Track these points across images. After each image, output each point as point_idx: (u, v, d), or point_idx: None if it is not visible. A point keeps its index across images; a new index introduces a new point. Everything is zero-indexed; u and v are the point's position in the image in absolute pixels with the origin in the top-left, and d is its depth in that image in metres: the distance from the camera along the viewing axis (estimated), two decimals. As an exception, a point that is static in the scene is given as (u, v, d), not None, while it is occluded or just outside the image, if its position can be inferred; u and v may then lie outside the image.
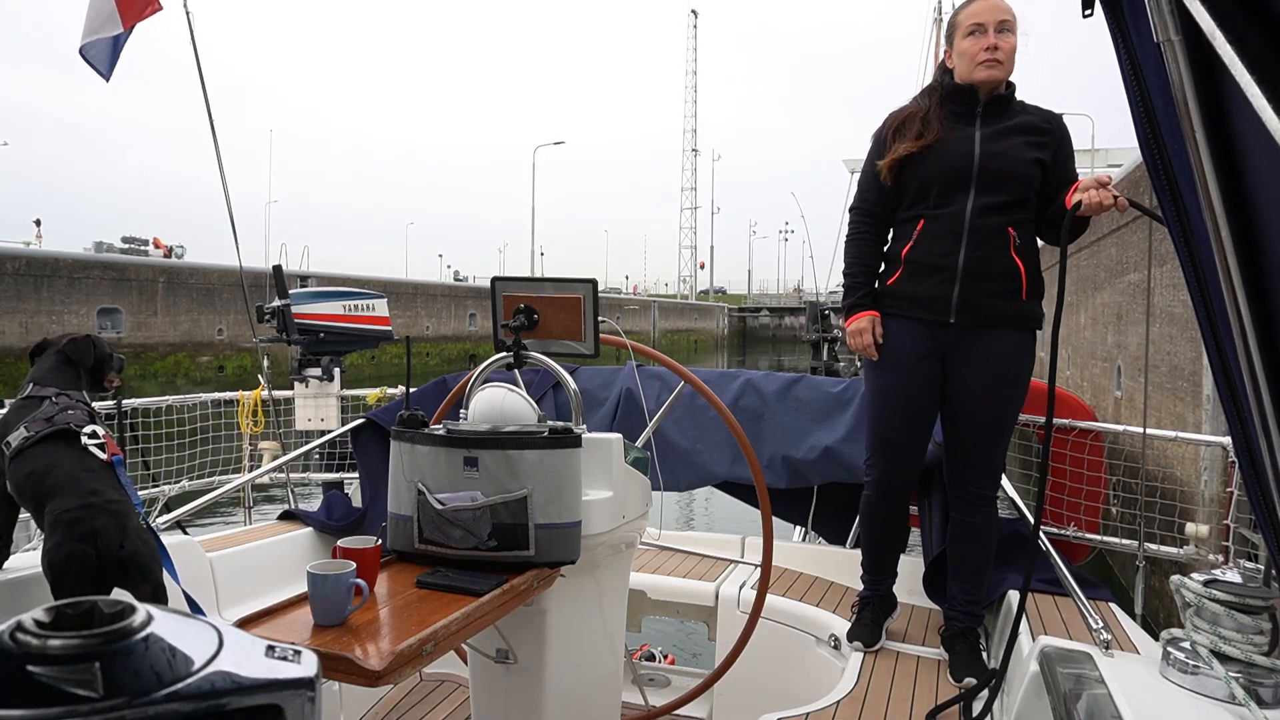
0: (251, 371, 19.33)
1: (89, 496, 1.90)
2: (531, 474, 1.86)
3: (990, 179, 2.42)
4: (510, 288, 2.27)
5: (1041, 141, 2.46)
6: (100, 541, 1.86)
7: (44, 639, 0.67)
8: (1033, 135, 2.46)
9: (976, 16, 2.44)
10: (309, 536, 3.02)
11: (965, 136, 2.46)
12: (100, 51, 4.11)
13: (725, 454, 3.49)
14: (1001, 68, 2.44)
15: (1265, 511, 0.86)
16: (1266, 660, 1.67)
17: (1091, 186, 2.22)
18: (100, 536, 1.86)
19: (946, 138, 2.46)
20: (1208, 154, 0.76)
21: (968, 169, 2.43)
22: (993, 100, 2.49)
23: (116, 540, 1.87)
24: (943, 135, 2.46)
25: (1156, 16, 0.75)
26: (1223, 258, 0.78)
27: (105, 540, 1.86)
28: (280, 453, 4.17)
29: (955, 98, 2.51)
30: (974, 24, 2.45)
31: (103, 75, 4.14)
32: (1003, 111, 2.49)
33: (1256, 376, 0.79)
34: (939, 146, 2.46)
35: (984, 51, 2.42)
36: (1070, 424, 3.40)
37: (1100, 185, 2.21)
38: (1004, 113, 2.49)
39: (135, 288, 25.28)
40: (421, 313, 37.18)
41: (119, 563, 1.88)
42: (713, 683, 2.56)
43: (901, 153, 2.48)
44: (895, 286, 2.54)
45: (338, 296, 4.30)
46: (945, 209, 2.45)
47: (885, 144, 2.55)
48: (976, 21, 2.44)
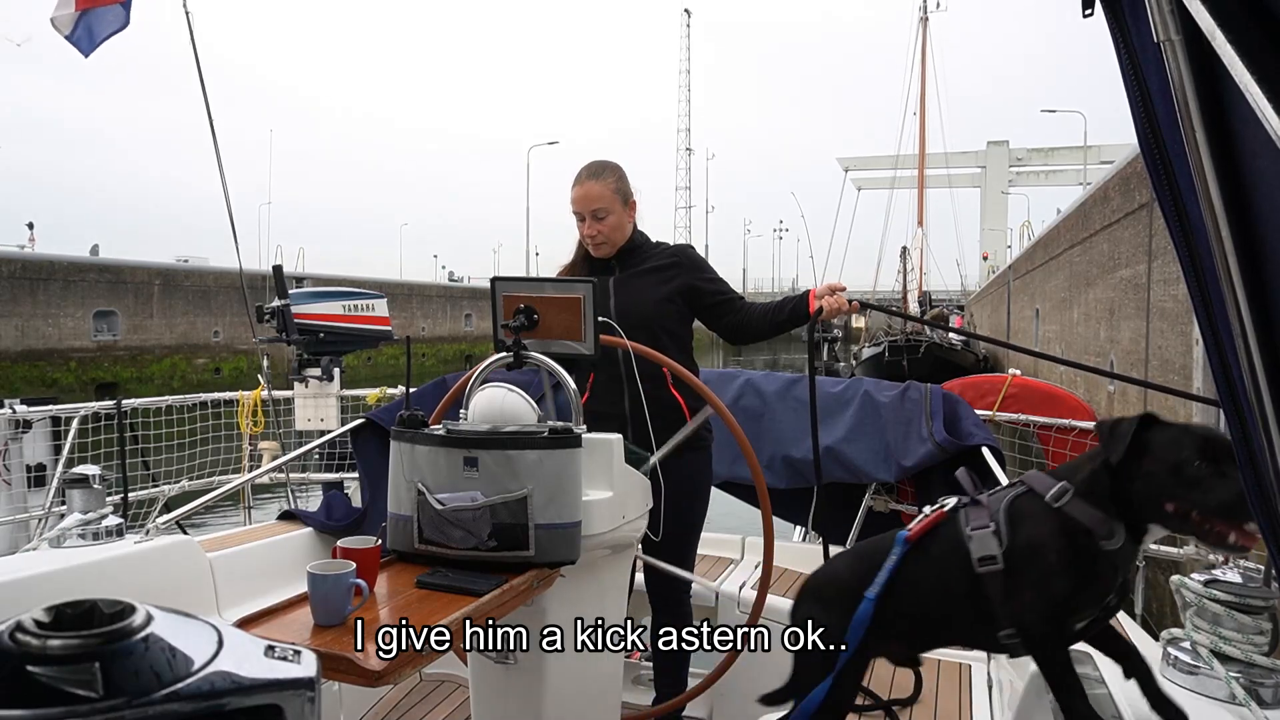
0: (248, 374, 19.32)
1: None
2: (531, 474, 1.86)
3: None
4: (510, 288, 2.26)
5: (671, 276, 2.66)
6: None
7: (44, 639, 0.67)
8: (663, 273, 2.66)
9: (574, 204, 2.65)
10: (309, 537, 3.02)
11: (602, 287, 2.63)
12: (79, 28, 4.14)
13: (725, 454, 3.49)
14: (606, 245, 2.65)
15: (1265, 511, 0.86)
16: (1267, 660, 1.67)
17: (826, 294, 2.48)
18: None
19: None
20: (1208, 154, 0.76)
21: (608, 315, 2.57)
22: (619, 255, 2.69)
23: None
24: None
25: (1156, 16, 0.75)
26: (1223, 258, 0.78)
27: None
28: (280, 453, 4.17)
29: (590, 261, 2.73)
30: (574, 210, 2.66)
31: (82, 51, 4.18)
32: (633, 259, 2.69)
33: (1256, 376, 0.79)
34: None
35: (587, 238, 2.66)
36: (1070, 424, 3.40)
37: (832, 292, 2.49)
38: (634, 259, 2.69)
39: (131, 290, 25.27)
40: (417, 313, 37.19)
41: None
42: (712, 682, 2.56)
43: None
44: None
45: (337, 296, 4.30)
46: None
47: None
48: (575, 210, 2.66)
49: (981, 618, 1.58)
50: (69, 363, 23.23)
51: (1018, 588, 1.53)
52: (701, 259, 2.75)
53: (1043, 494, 1.55)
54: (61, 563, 2.18)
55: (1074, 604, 1.52)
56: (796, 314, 2.59)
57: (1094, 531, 1.49)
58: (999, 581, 1.54)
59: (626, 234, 2.68)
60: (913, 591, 1.64)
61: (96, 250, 28.55)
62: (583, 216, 2.63)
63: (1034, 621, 1.52)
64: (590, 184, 2.61)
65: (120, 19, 4.20)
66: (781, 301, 2.68)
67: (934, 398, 3.35)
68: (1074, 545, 1.50)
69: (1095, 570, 1.49)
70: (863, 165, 56.63)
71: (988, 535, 1.56)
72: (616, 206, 2.63)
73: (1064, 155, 52.95)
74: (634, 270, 2.67)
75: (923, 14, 47.90)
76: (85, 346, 23.79)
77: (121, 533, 2.39)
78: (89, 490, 2.38)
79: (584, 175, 2.64)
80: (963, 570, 1.57)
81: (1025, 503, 1.58)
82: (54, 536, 2.35)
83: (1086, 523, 1.49)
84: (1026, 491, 1.59)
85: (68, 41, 4.15)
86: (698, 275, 2.69)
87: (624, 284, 2.66)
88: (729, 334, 2.73)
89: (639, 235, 2.73)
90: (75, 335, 23.53)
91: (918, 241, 43.13)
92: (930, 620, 1.67)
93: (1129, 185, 13.14)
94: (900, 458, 3.29)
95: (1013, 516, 1.57)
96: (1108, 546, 1.48)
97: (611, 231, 2.63)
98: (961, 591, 1.59)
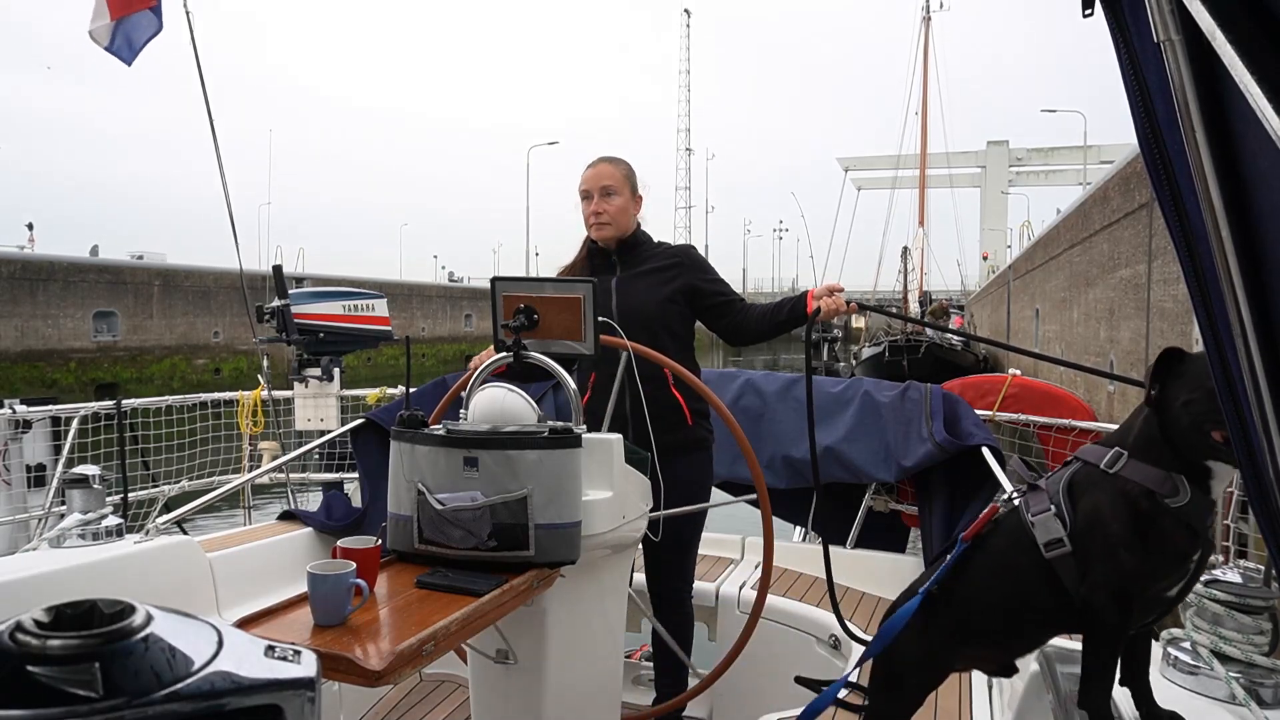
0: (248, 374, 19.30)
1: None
2: (531, 474, 1.86)
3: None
4: (510, 288, 2.26)
5: (673, 276, 2.66)
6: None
7: (44, 639, 0.67)
8: (665, 273, 2.67)
9: (583, 184, 2.69)
10: (309, 537, 3.02)
11: (604, 287, 2.64)
12: (117, 38, 4.16)
13: (725, 454, 3.49)
14: (609, 228, 2.66)
15: (1265, 511, 0.86)
16: (1267, 660, 1.67)
17: (824, 295, 2.49)
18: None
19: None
20: (1208, 154, 0.76)
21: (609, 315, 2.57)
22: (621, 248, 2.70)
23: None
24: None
25: (1156, 16, 0.75)
26: (1223, 258, 0.78)
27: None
28: (280, 453, 4.17)
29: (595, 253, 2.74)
30: (582, 190, 2.69)
31: (124, 61, 4.19)
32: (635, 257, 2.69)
33: (1257, 376, 0.79)
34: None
35: (591, 215, 2.66)
36: (1070, 424, 3.40)
37: (830, 293, 2.49)
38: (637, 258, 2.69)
39: (131, 291, 25.26)
40: (417, 314, 37.20)
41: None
42: (712, 682, 2.56)
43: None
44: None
45: (337, 296, 4.30)
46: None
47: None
48: (583, 189, 2.68)
49: (1064, 605, 1.51)
50: (69, 363, 23.24)
51: (1088, 566, 1.46)
52: (703, 260, 2.76)
53: (1097, 464, 1.49)
54: (61, 563, 2.18)
55: (1150, 574, 1.44)
56: (795, 314, 2.60)
57: (1156, 491, 1.41)
58: (1071, 564, 1.47)
59: (630, 224, 2.69)
60: (985, 593, 1.59)
61: (96, 251, 28.54)
62: (590, 195, 2.65)
63: (1103, 600, 1.44)
64: (604, 165, 2.68)
65: (154, 24, 4.22)
66: (780, 302, 2.68)
67: (934, 398, 3.35)
68: (1136, 510, 1.42)
69: (1165, 533, 1.41)
70: (863, 165, 56.66)
71: (1050, 518, 1.50)
72: (625, 191, 2.67)
73: (1064, 155, 52.95)
74: (636, 270, 2.68)
75: (925, 14, 47.90)
76: (85, 347, 23.80)
77: (121, 533, 2.39)
78: (89, 490, 2.38)
79: (598, 159, 2.70)
80: (1032, 559, 1.51)
81: (1082, 476, 1.52)
82: (54, 537, 2.35)
83: (1147, 483, 1.42)
84: (1083, 465, 1.53)
85: (109, 53, 4.17)
86: (699, 276, 2.70)
87: (626, 284, 2.66)
88: (728, 335, 2.74)
89: (642, 233, 2.74)
90: (75, 336, 23.53)
91: (919, 241, 43.10)
92: (1012, 618, 1.60)
93: (1129, 185, 13.15)
94: (900, 458, 3.29)
95: (1072, 494, 1.51)
96: (1174, 504, 1.40)
97: (617, 214, 2.65)
98: (1036, 582, 1.52)
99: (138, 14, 4.17)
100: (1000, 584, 1.59)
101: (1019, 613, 1.59)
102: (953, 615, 1.61)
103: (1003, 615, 1.60)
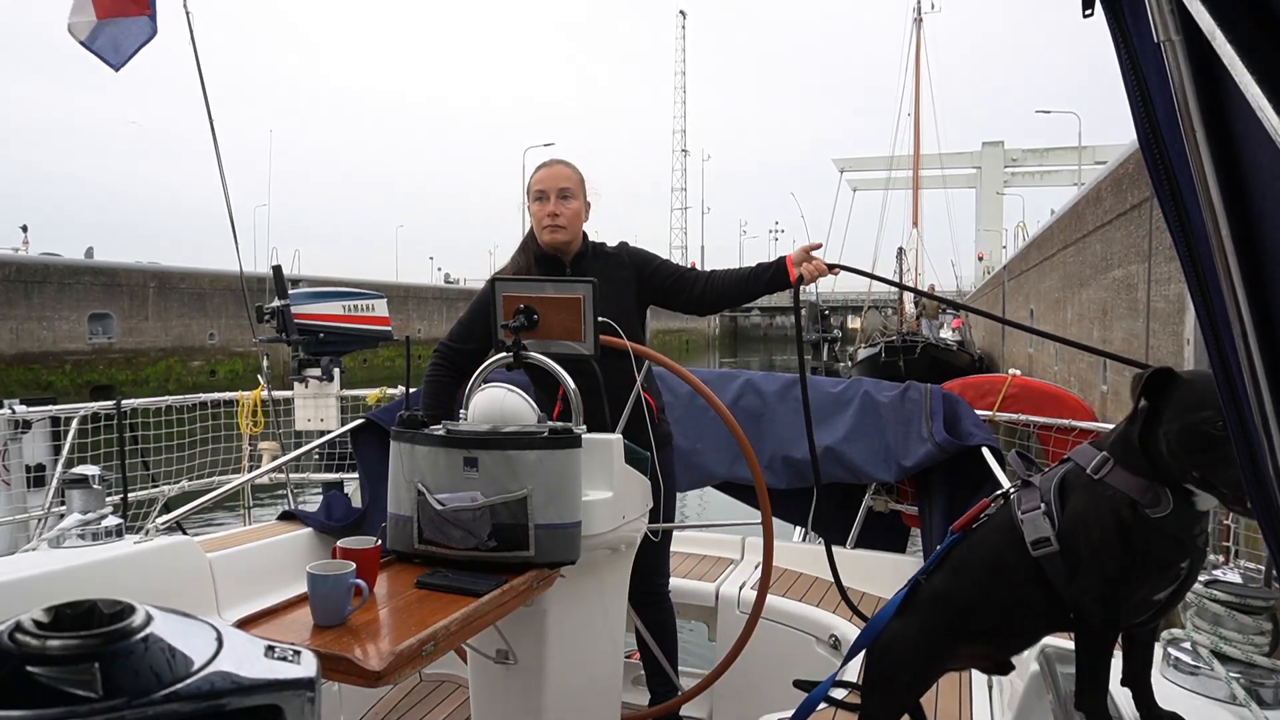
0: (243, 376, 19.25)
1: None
2: (531, 474, 1.86)
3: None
4: (510, 288, 2.26)
5: (627, 279, 2.63)
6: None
7: (43, 639, 0.67)
8: (622, 279, 2.62)
9: (538, 183, 2.60)
10: (309, 537, 3.02)
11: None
12: (100, 38, 4.09)
13: (725, 454, 3.49)
14: (565, 231, 2.58)
15: (1265, 510, 0.86)
16: (1267, 661, 1.67)
17: (803, 259, 2.50)
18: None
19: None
20: (1208, 154, 0.76)
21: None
22: (575, 258, 2.63)
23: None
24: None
25: (1156, 16, 0.75)
26: (1223, 258, 0.78)
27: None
28: (280, 453, 4.16)
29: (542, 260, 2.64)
30: (536, 190, 2.60)
31: (110, 65, 4.13)
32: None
33: (1257, 376, 0.79)
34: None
35: (547, 217, 2.56)
36: (1070, 424, 3.40)
37: (809, 255, 2.50)
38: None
39: (126, 293, 25.21)
40: (413, 315, 37.15)
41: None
42: (712, 682, 2.56)
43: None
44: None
45: (337, 297, 4.30)
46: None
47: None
48: (538, 189, 2.59)
49: (1054, 602, 1.51)
50: (64, 365, 23.19)
51: (1073, 568, 1.46)
52: (641, 250, 2.74)
53: (1085, 467, 1.49)
54: (61, 563, 2.17)
55: (1132, 580, 1.44)
56: (776, 282, 2.57)
57: (1137, 501, 1.41)
58: (1058, 563, 1.48)
59: (580, 231, 2.65)
60: (976, 588, 1.59)
61: (91, 253, 28.50)
62: (546, 196, 2.57)
63: (1088, 603, 1.45)
64: (560, 166, 2.64)
65: (148, 30, 4.14)
66: (757, 269, 2.64)
67: (934, 398, 3.35)
68: (1119, 518, 1.42)
69: (1147, 542, 1.41)
70: (858, 166, 56.64)
71: (1039, 517, 1.50)
72: (580, 195, 2.64)
73: (1059, 156, 52.95)
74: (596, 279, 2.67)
75: (916, 15, 47.91)
76: (80, 349, 23.74)
77: (121, 533, 2.39)
78: (88, 490, 2.37)
79: (553, 160, 2.66)
80: (1020, 556, 1.51)
81: (1072, 479, 1.52)
82: (53, 537, 2.35)
83: (1130, 492, 1.41)
84: (1074, 466, 1.53)
85: (87, 49, 4.10)
86: (646, 268, 2.68)
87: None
88: (695, 307, 2.69)
89: (588, 241, 2.70)
90: (70, 338, 23.48)
91: (913, 242, 43.14)
92: (1003, 615, 1.60)
93: (1121, 186, 13.18)
94: (900, 458, 3.29)
95: (1061, 495, 1.51)
96: (1155, 515, 1.40)
97: (573, 217, 2.60)
98: (1024, 578, 1.52)
99: (129, 19, 4.12)
100: (992, 580, 1.59)
101: (1011, 609, 1.60)
102: (945, 612, 1.62)
103: (996, 611, 1.61)
